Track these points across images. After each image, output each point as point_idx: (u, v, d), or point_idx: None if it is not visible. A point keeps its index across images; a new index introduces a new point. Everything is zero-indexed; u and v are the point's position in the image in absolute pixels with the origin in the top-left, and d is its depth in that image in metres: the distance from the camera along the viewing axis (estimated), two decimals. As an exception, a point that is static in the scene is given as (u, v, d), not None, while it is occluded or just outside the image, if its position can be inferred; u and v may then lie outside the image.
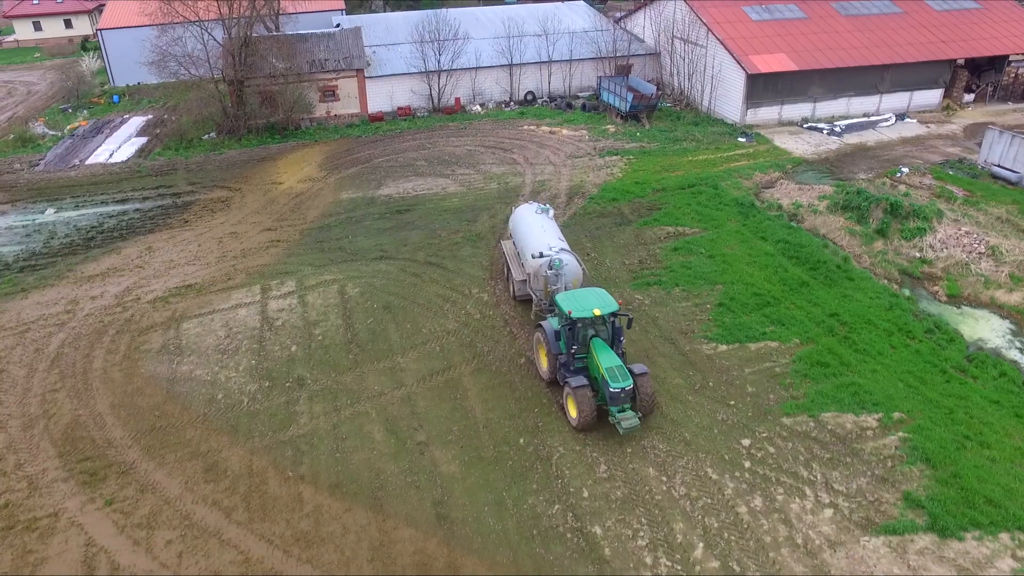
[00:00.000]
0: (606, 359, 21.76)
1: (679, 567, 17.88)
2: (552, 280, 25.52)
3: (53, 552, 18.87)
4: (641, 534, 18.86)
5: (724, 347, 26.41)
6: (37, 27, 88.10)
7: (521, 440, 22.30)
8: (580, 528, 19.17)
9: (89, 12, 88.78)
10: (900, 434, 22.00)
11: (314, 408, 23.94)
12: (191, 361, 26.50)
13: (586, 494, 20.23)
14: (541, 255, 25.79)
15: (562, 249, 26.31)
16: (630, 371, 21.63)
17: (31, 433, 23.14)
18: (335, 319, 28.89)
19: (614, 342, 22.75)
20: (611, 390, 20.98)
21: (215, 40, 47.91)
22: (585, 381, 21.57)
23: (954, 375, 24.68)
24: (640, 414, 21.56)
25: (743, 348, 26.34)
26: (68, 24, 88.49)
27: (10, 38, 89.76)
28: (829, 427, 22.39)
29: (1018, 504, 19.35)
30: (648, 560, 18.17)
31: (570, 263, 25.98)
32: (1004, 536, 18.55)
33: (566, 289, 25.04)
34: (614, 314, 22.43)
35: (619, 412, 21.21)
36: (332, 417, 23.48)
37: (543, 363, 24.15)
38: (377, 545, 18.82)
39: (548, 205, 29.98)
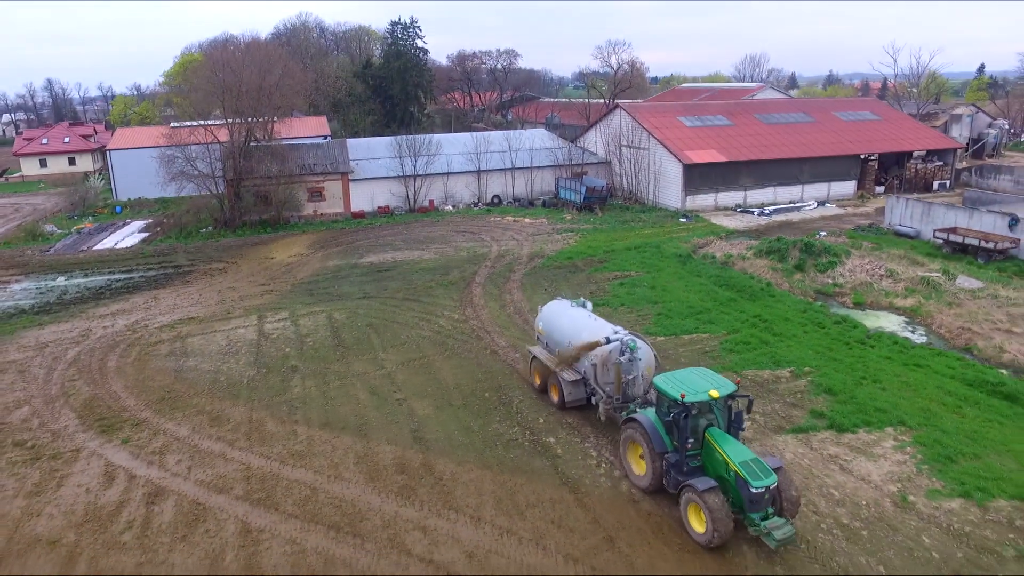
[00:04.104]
0: (735, 452, 17.21)
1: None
2: (626, 368, 21.35)
3: (76, 470, 21.65)
4: (588, 442, 22.21)
5: (662, 338, 30.56)
6: (43, 164, 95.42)
7: (486, 394, 25.86)
8: (536, 440, 22.50)
9: (92, 151, 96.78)
10: (808, 379, 25.99)
11: (306, 383, 27.36)
12: (196, 360, 29.95)
13: (542, 421, 23.69)
14: (608, 340, 22.05)
15: (630, 332, 22.67)
16: None
17: (53, 406, 26.14)
18: (324, 333, 32.71)
19: (730, 432, 18.24)
20: (753, 491, 16.35)
21: (217, 140, 54.38)
22: (714, 483, 16.97)
23: (856, 346, 29.01)
24: (790, 520, 16.92)
25: (678, 338, 30.53)
26: (72, 162, 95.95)
27: (16, 174, 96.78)
28: (749, 378, 26.30)
29: (902, 411, 23.18)
30: (593, 454, 21.49)
31: (642, 347, 22.01)
32: (889, 429, 22.27)
33: (642, 378, 21.60)
34: (731, 395, 18.11)
35: (762, 519, 16.60)
36: (322, 387, 26.88)
37: (638, 468, 19.58)
38: (362, 455, 21.92)
39: (584, 299, 26.37)
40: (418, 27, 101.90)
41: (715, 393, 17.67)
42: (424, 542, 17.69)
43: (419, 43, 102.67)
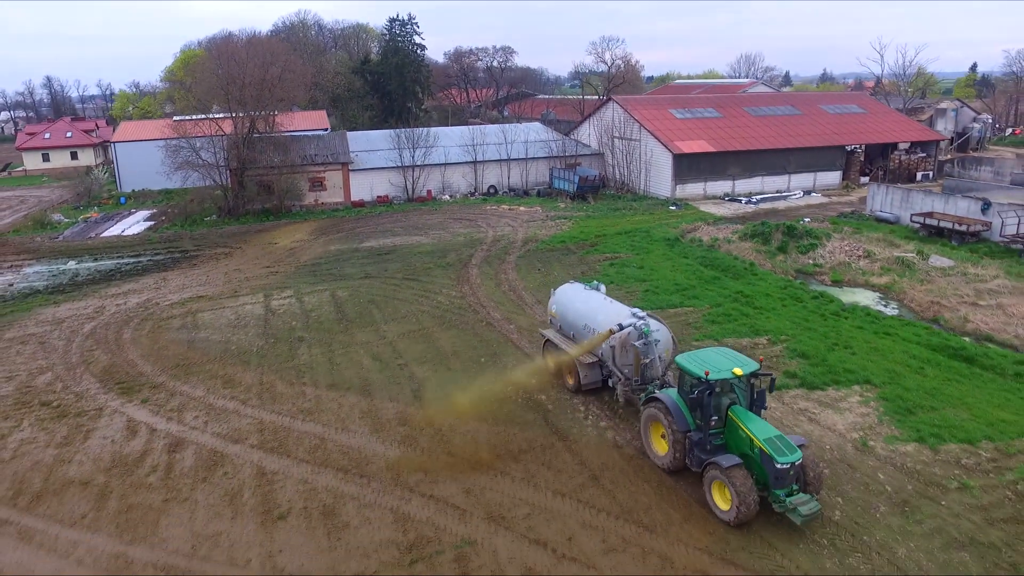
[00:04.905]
0: (760, 429, 17.40)
1: (606, 412, 22.90)
2: (644, 351, 21.53)
3: (101, 425, 23.30)
4: (577, 398, 23.92)
5: (647, 311, 32.23)
6: (45, 158, 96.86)
7: (482, 359, 27.59)
8: (529, 396, 24.23)
9: (94, 146, 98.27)
10: (784, 345, 27.75)
11: (312, 351, 29.03)
12: (207, 332, 31.59)
13: (534, 381, 25.36)
14: (620, 327, 21.94)
15: (648, 315, 22.82)
16: None
17: (74, 372, 27.76)
18: (328, 308, 34.38)
19: (753, 410, 18.41)
20: (778, 466, 16.53)
21: (222, 132, 56.00)
22: (739, 459, 17.16)
23: (831, 317, 30.77)
24: (815, 495, 17.13)
25: (663, 312, 32.07)
26: (74, 156, 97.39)
27: (19, 169, 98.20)
28: (730, 344, 27.96)
29: (869, 372, 24.94)
30: (581, 408, 23.22)
31: (659, 329, 22.29)
32: (855, 387, 24.04)
33: (660, 360, 21.77)
34: (754, 374, 18.39)
35: (787, 496, 16.76)
36: (328, 355, 28.55)
37: (660, 448, 19.67)
38: (367, 411, 23.62)
39: (598, 282, 26.91)
40: (416, 24, 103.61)
41: (738, 371, 17.82)
42: (425, 481, 19.38)
43: (417, 39, 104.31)
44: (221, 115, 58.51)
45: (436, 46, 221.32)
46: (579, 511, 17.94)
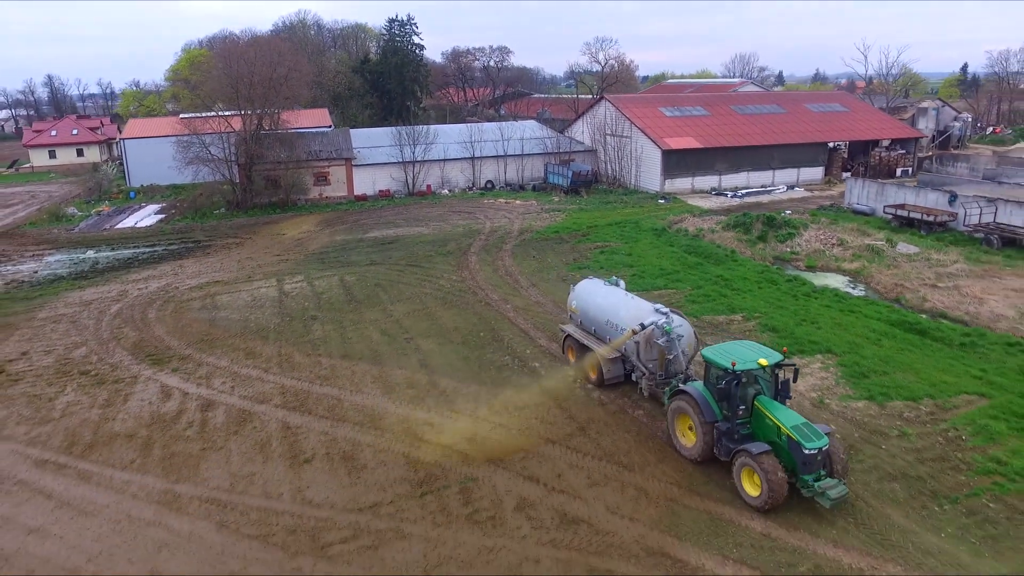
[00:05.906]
0: (787, 417, 18.08)
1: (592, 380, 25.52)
2: (668, 347, 21.98)
3: (137, 390, 25.84)
4: (568, 366, 26.52)
5: (633, 294, 34.89)
6: (52, 155, 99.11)
7: (481, 334, 30.18)
8: (524, 364, 26.87)
9: (99, 143, 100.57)
10: (757, 321, 30.39)
11: (325, 327, 31.60)
12: (226, 312, 34.13)
13: (529, 352, 28.03)
14: (642, 327, 22.25)
15: (672, 311, 23.15)
16: None
17: (107, 346, 30.28)
18: (338, 291, 36.94)
19: (778, 400, 19.00)
20: (806, 452, 17.20)
21: (232, 129, 58.49)
22: (768, 446, 17.78)
23: (802, 298, 33.42)
24: (843, 481, 17.71)
25: (648, 293, 34.67)
26: (80, 153, 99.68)
27: (26, 165, 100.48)
28: (707, 320, 30.71)
29: (831, 343, 27.57)
30: (571, 373, 25.81)
31: (682, 324, 22.77)
32: (818, 356, 26.67)
33: (683, 354, 22.18)
34: (778, 364, 19.03)
35: (815, 481, 17.41)
36: (339, 331, 31.13)
37: (688, 439, 20.12)
38: (377, 377, 26.20)
39: (617, 277, 27.04)
40: (415, 24, 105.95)
41: (764, 361, 18.39)
42: (432, 432, 21.97)
43: (415, 40, 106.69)
44: (230, 112, 60.96)
45: (434, 46, 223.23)
46: (567, 455, 20.55)
